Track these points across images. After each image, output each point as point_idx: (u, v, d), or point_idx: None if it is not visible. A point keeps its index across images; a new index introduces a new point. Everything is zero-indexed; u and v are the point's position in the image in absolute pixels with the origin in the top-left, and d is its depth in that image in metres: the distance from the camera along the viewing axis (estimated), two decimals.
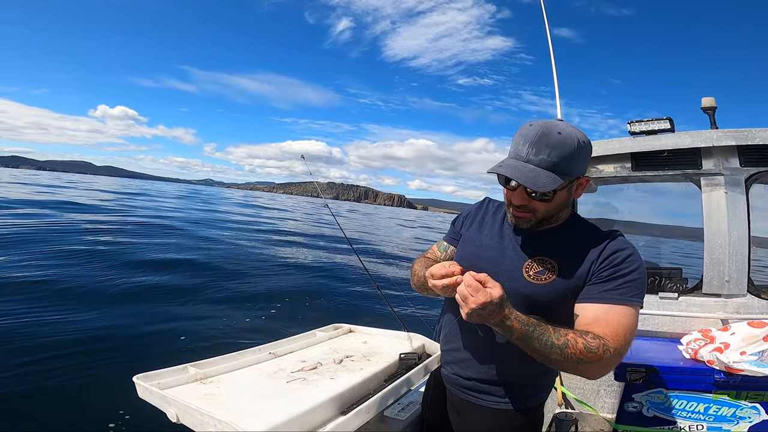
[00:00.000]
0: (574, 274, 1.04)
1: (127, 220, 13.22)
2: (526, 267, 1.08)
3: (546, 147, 0.98)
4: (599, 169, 2.39)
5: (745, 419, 1.66)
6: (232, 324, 5.26)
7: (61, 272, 6.48)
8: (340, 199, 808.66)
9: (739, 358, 1.63)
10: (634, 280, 1.00)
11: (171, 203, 23.87)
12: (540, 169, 0.98)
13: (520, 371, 1.14)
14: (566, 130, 1.00)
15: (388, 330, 1.85)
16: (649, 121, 2.21)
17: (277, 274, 8.58)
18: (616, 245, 1.04)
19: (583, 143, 1.01)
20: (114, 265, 7.42)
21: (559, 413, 2.22)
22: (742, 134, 2.00)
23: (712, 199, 2.09)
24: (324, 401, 1.13)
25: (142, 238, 10.31)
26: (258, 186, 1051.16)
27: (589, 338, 0.93)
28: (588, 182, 1.10)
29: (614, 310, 0.98)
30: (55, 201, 17.08)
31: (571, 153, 0.98)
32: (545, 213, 1.07)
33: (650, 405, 1.74)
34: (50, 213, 12.98)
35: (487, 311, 0.89)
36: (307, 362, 1.42)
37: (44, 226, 10.22)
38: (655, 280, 2.36)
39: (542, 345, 0.92)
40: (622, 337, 0.95)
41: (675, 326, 2.13)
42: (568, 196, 1.07)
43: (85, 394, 3.30)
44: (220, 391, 1.16)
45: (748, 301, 2.02)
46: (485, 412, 1.17)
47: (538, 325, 0.94)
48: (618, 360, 0.95)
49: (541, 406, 1.21)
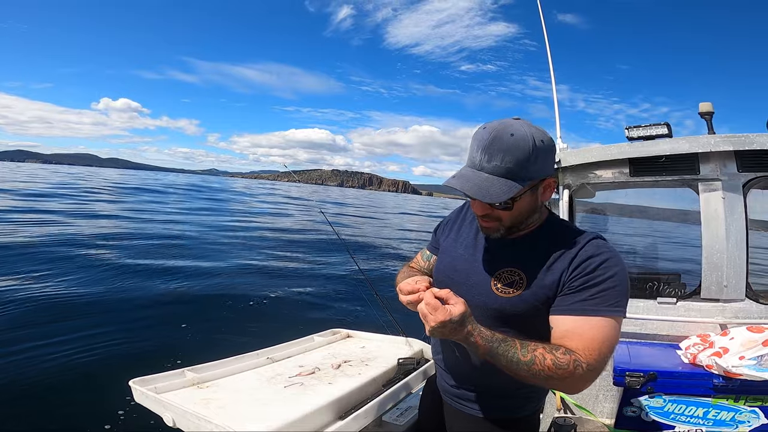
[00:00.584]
0: (544, 284, 0.97)
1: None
2: (494, 280, 1.03)
3: (498, 152, 0.90)
4: (597, 175, 2.40)
5: (744, 423, 1.66)
6: (228, 328, 5.24)
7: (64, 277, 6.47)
8: (345, 186, 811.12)
9: (738, 362, 1.62)
10: (611, 288, 0.93)
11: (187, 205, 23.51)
12: (494, 177, 0.92)
13: (504, 381, 1.06)
14: (520, 130, 0.91)
15: (386, 335, 1.85)
16: (647, 127, 2.22)
17: (272, 277, 8.57)
18: (589, 251, 0.96)
19: (541, 143, 0.93)
20: (119, 266, 7.40)
21: (558, 418, 2.21)
22: (739, 139, 2.01)
23: (709, 204, 2.10)
24: (322, 406, 1.12)
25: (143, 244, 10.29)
26: (262, 175, 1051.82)
27: (559, 354, 0.88)
28: (555, 183, 1.03)
29: (588, 322, 0.92)
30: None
31: (526, 156, 0.91)
32: (511, 221, 1.00)
33: (649, 410, 1.74)
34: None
35: (448, 329, 0.87)
36: (305, 367, 1.42)
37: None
38: (654, 285, 2.36)
39: (508, 361, 0.89)
40: (596, 352, 0.89)
41: (674, 331, 2.13)
42: (533, 201, 1.00)
43: (80, 398, 3.28)
44: (217, 396, 1.16)
45: (747, 306, 2.02)
46: (475, 421, 1.14)
47: (504, 341, 0.90)
48: (593, 375, 0.90)
49: (534, 416, 1.17)
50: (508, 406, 1.12)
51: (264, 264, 9.88)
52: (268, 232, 15.36)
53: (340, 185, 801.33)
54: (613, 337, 0.93)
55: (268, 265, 9.84)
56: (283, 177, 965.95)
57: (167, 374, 1.23)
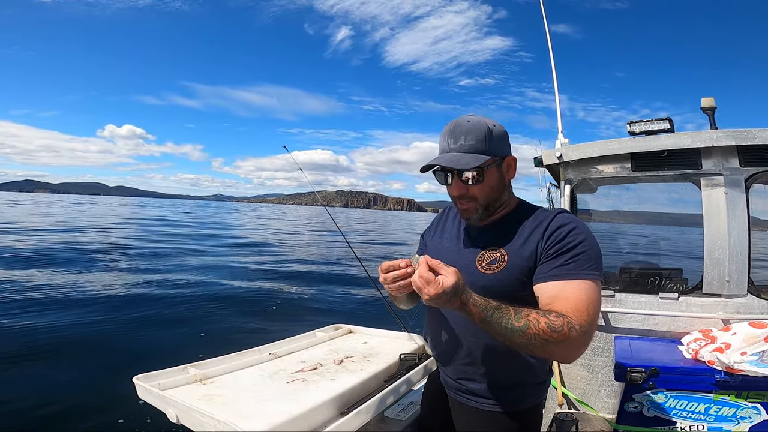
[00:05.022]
0: (523, 257, 1.06)
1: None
2: (479, 259, 1.11)
3: (461, 134, 1.07)
4: (599, 170, 2.39)
5: (745, 419, 1.66)
6: (232, 325, 5.26)
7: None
8: (350, 206, 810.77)
9: (739, 358, 1.62)
10: (583, 252, 1.01)
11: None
12: (461, 153, 1.07)
13: (503, 372, 1.12)
14: (475, 118, 1.10)
15: (388, 330, 1.85)
16: (648, 122, 2.20)
17: (275, 274, 8.58)
18: (559, 221, 1.06)
19: (494, 126, 1.10)
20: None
21: (560, 413, 2.22)
22: (742, 134, 2.00)
23: (711, 199, 2.09)
24: (324, 402, 1.13)
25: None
26: (267, 198, 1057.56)
27: (552, 317, 0.91)
28: (515, 161, 1.16)
29: (570, 285, 0.98)
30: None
31: (483, 134, 1.07)
32: (485, 197, 1.11)
33: (651, 405, 1.74)
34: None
35: (443, 300, 0.90)
36: (307, 363, 1.42)
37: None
38: (656, 281, 2.35)
39: (503, 329, 0.91)
40: (584, 312, 0.94)
41: (675, 326, 2.13)
42: (500, 176, 1.12)
43: (84, 394, 3.29)
44: (220, 392, 1.16)
45: (749, 301, 2.02)
46: (476, 414, 1.16)
47: (498, 309, 0.93)
48: (586, 338, 0.94)
49: (536, 409, 1.18)
50: (510, 397, 1.13)
51: (264, 264, 9.90)
52: (272, 234, 15.39)
53: (345, 206, 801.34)
54: (596, 299, 0.98)
55: (268, 264, 9.85)
56: (288, 200, 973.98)
57: (170, 370, 1.23)
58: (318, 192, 3.39)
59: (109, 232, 15.49)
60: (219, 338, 4.70)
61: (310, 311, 6.24)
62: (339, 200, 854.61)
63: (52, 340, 4.26)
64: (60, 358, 3.93)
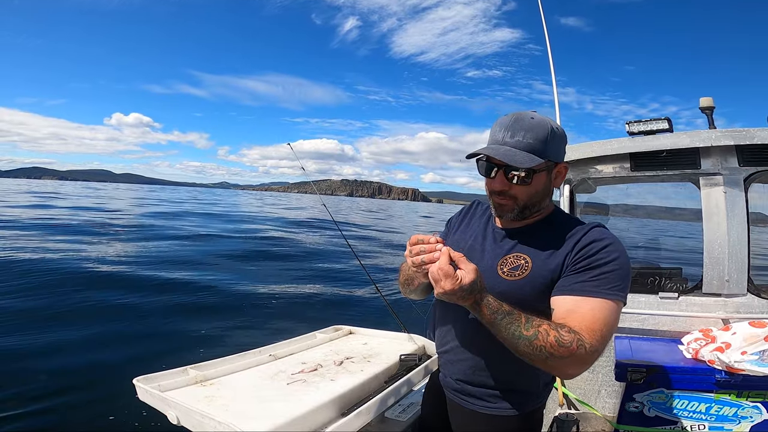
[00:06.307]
0: (548, 268, 1.01)
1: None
2: (501, 263, 1.07)
3: (520, 130, 1.00)
4: (598, 170, 2.39)
5: (746, 419, 1.66)
6: (231, 325, 5.25)
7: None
8: (355, 195, 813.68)
9: (740, 357, 1.62)
10: (612, 271, 0.95)
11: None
12: (516, 149, 0.99)
13: (506, 377, 1.10)
14: (539, 116, 1.03)
15: (388, 331, 1.85)
16: (647, 122, 2.21)
17: (276, 274, 8.57)
18: (593, 235, 1.01)
19: (557, 129, 1.03)
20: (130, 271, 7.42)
21: (561, 414, 2.22)
22: (740, 134, 2.00)
23: (711, 199, 2.09)
24: (324, 403, 1.13)
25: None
26: (272, 187, 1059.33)
27: (563, 332, 0.88)
28: (566, 171, 1.10)
29: (589, 302, 0.93)
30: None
31: (545, 135, 1.00)
32: (526, 199, 1.05)
33: (651, 405, 1.74)
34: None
35: (457, 296, 0.89)
36: (307, 364, 1.42)
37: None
38: (655, 280, 2.35)
39: (509, 334, 0.89)
40: (598, 333, 0.90)
41: (675, 326, 2.13)
42: (547, 182, 1.07)
43: (85, 397, 3.29)
44: (220, 393, 1.16)
45: (749, 301, 2.02)
46: (477, 416, 1.13)
47: (509, 314, 0.90)
48: (593, 358, 0.90)
49: (536, 412, 1.16)
50: (511, 402, 1.11)
51: (265, 262, 9.90)
52: (272, 232, 15.40)
53: (350, 195, 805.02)
54: (613, 321, 0.94)
55: (269, 263, 9.85)
56: (293, 188, 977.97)
57: (171, 372, 1.23)
58: (323, 180, 3.40)
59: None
60: (219, 339, 4.70)
61: (310, 311, 6.23)
62: (344, 189, 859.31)
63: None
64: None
